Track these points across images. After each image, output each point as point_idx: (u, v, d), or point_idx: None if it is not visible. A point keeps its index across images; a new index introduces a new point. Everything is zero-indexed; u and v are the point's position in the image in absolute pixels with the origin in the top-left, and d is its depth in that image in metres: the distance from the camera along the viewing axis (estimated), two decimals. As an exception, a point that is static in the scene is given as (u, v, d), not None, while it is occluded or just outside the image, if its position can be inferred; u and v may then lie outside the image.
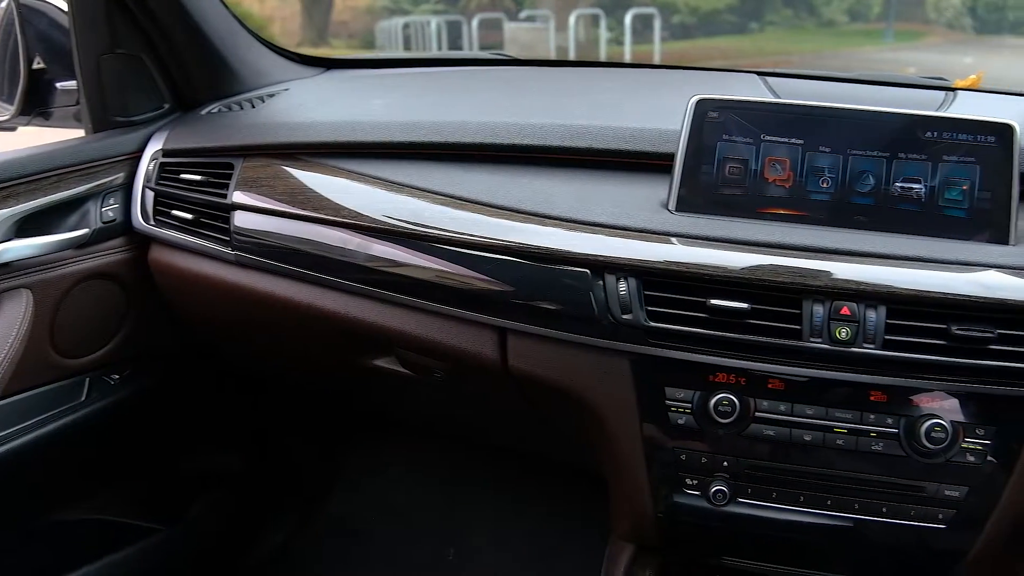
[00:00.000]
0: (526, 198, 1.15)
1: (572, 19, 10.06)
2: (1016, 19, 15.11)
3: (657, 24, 10.43)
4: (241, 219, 1.33)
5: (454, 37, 10.26)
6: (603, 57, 10.22)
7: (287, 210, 1.28)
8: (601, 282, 1.07)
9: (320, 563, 1.99)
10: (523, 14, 11.57)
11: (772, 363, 1.05)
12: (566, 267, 1.09)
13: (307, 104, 1.51)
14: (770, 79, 1.44)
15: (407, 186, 1.22)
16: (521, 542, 1.95)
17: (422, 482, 2.11)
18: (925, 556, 1.11)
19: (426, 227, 1.17)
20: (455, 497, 2.06)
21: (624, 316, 1.06)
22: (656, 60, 9.91)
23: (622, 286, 1.06)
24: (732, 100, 1.12)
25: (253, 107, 1.50)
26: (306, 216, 1.26)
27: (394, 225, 1.19)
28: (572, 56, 9.95)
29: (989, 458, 1.04)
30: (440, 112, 1.36)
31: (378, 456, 2.16)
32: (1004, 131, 1.08)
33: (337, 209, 1.24)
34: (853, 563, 1.20)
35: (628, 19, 10.00)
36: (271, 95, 1.54)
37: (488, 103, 1.45)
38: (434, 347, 1.21)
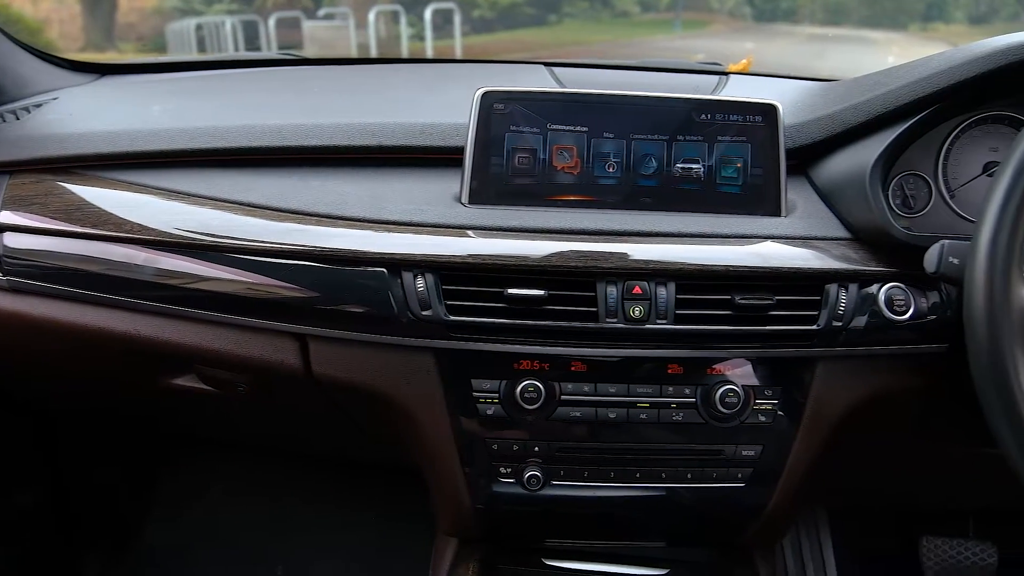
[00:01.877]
0: (317, 200, 1.13)
1: (371, 16, 9.96)
2: (788, 7, 16.22)
3: (457, 19, 10.48)
4: (11, 241, 1.23)
5: (251, 37, 9.91)
6: (405, 53, 10.18)
7: (64, 228, 1.19)
8: (399, 280, 1.06)
9: None
10: (321, 12, 11.33)
11: (573, 346, 1.08)
12: (362, 268, 1.07)
13: (79, 113, 1.41)
14: (556, 69, 1.47)
15: (192, 195, 1.17)
16: (351, 549, 1.92)
17: (244, 500, 2.03)
18: (729, 514, 1.18)
19: (215, 237, 1.12)
20: (280, 512, 2.00)
21: (424, 312, 1.05)
22: (458, 55, 9.95)
23: (419, 282, 1.05)
24: (517, 91, 1.13)
25: (17, 119, 1.38)
26: (85, 233, 1.18)
27: (181, 237, 1.13)
28: (374, 53, 9.85)
29: (778, 417, 1.11)
30: (225, 116, 1.31)
31: (195, 478, 2.07)
32: (769, 111, 1.15)
33: (119, 224, 1.17)
34: (666, 529, 1.25)
35: (428, 14, 10.01)
36: (37, 105, 1.43)
37: (276, 105, 1.41)
38: (234, 360, 1.16)
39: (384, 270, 1.07)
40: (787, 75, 1.52)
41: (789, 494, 1.16)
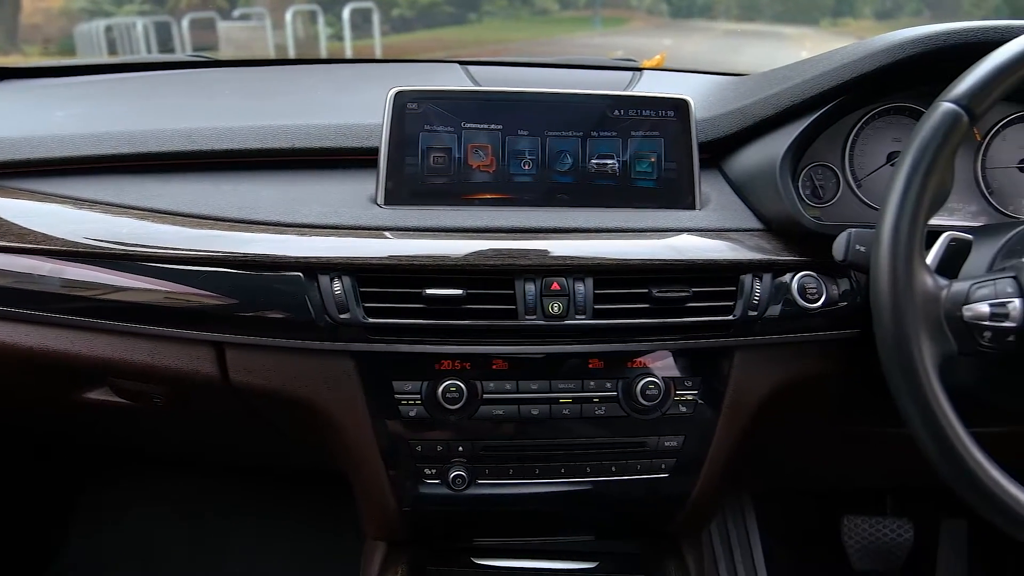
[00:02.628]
0: (230, 205, 1.10)
1: (288, 16, 9.82)
2: (704, 4, 16.52)
3: (376, 18, 10.39)
4: (-93, 254, 1.18)
5: (164, 39, 9.63)
6: (324, 54, 10.05)
7: None
8: (315, 284, 1.04)
9: None
10: (237, 13, 11.10)
11: (493, 344, 1.07)
12: (278, 272, 1.05)
13: (-25, 121, 1.36)
14: (472, 68, 1.47)
15: (99, 203, 1.13)
16: (279, 560, 1.89)
17: (167, 516, 1.98)
18: (654, 504, 1.19)
19: (123, 245, 1.09)
20: (204, 526, 1.96)
21: (342, 316, 1.04)
22: (378, 54, 9.87)
23: (336, 286, 1.04)
24: (429, 90, 1.13)
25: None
26: (-15, 245, 1.14)
27: (88, 246, 1.10)
28: (292, 54, 9.71)
29: (699, 407, 1.13)
30: (133, 121, 1.27)
31: (115, 494, 2.01)
32: (681, 105, 1.16)
33: (22, 234, 1.12)
34: (593, 522, 1.26)
35: (346, 14, 9.90)
36: (-71, 113, 1.37)
37: (186, 108, 1.38)
38: (149, 371, 1.13)
39: (300, 274, 1.05)
40: (700, 70, 1.54)
41: (712, 482, 1.18)
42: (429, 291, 1.04)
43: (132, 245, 1.08)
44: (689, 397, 1.12)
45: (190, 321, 1.09)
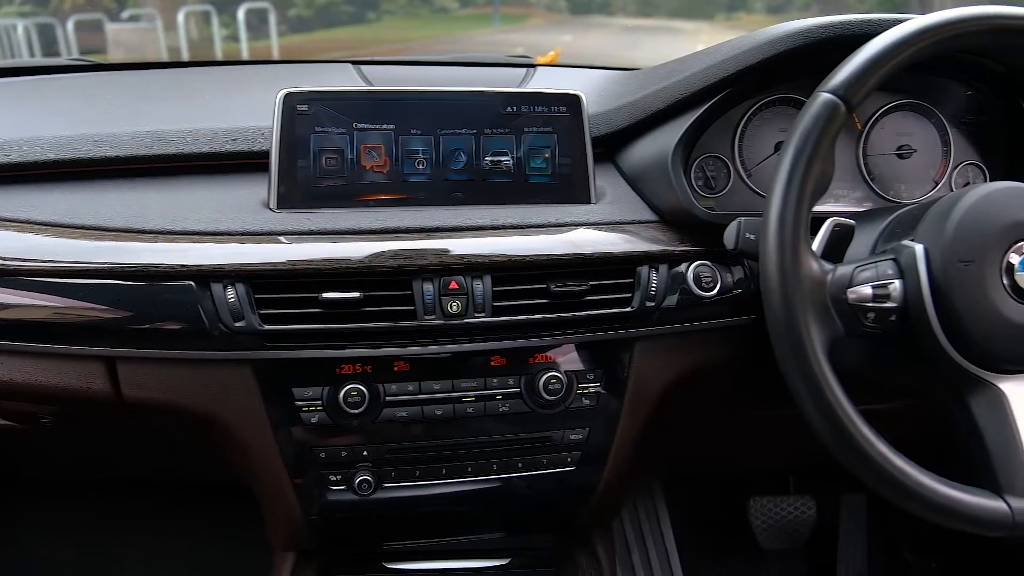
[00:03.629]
0: (115, 214, 1.06)
1: (181, 17, 9.56)
2: (603, 0, 16.74)
3: (272, 18, 10.21)
4: None
5: (49, 42, 9.23)
6: (219, 55, 9.82)
7: None
8: (208, 292, 1.02)
9: None
10: (125, 14, 10.74)
11: (394, 346, 1.06)
12: (168, 283, 1.02)
13: None
14: (364, 68, 1.46)
15: (-27, 217, 1.08)
16: (184, 576, 1.84)
17: (64, 539, 1.90)
18: (563, 498, 1.20)
19: (3, 260, 1.04)
20: (105, 547, 1.88)
21: (237, 324, 1.02)
22: (275, 55, 9.70)
23: (230, 293, 1.01)
24: (319, 91, 1.11)
25: None
26: None
27: None
28: (186, 57, 9.46)
29: (602, 399, 1.14)
30: (8, 129, 1.22)
31: (4, 517, 1.92)
32: (573, 101, 1.17)
33: None
34: (504, 519, 1.26)
35: (241, 14, 9.70)
36: None
37: (66, 114, 1.32)
38: (34, 391, 1.08)
39: (192, 283, 1.02)
40: (593, 65, 1.56)
41: (619, 472, 1.19)
42: (326, 295, 1.02)
43: (11, 259, 1.04)
44: (592, 390, 1.13)
45: (78, 336, 1.05)
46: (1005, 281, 0.92)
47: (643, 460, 1.25)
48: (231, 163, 1.16)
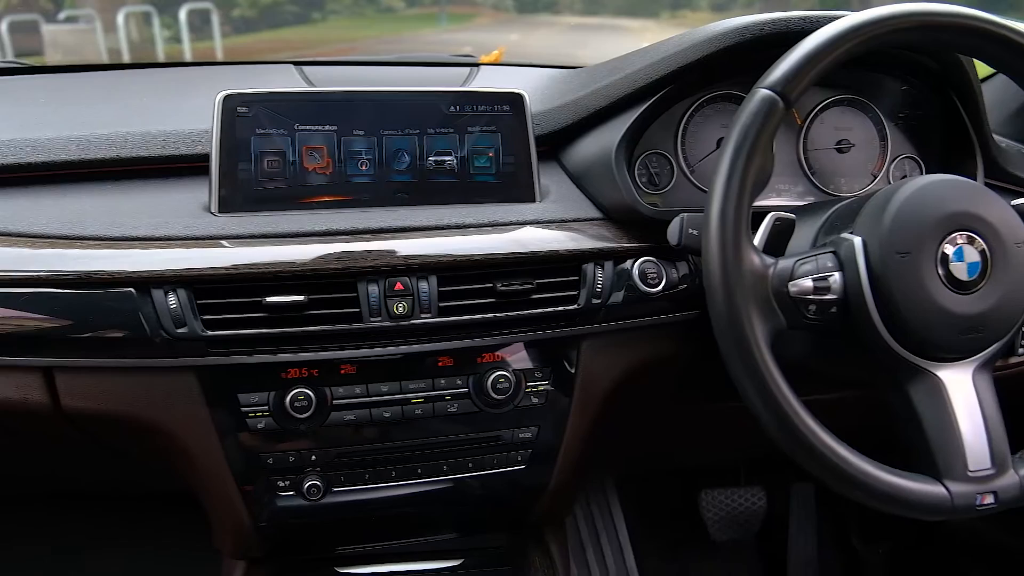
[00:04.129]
0: (52, 221, 1.04)
1: (120, 18, 9.38)
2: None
3: (215, 19, 10.07)
4: None
5: (-19, 44, 9.01)
6: (161, 57, 9.66)
7: None
8: (149, 299, 1.00)
9: None
10: (62, 15, 10.49)
11: (340, 349, 1.06)
12: (107, 290, 1.00)
13: None
14: (306, 68, 1.44)
15: (-99, 226, 1.05)
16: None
17: (8, 558, 1.85)
18: (514, 496, 1.20)
19: None
20: (56, 563, 1.84)
21: (179, 330, 1.00)
22: (219, 56, 9.57)
23: (172, 299, 1.00)
24: (259, 93, 1.10)
25: None
26: None
27: None
28: (127, 58, 9.29)
29: (550, 397, 1.14)
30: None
31: None
32: (516, 99, 1.18)
33: None
34: (455, 520, 1.26)
35: (183, 15, 9.54)
36: None
37: (-1, 119, 1.29)
38: None
39: (132, 290, 1.00)
40: (537, 64, 1.56)
41: (569, 469, 1.19)
42: (270, 299, 1.01)
43: (-57, 270, 1.01)
44: (540, 388, 1.13)
45: (14, 347, 1.02)
46: (940, 271, 0.93)
47: (594, 456, 1.25)
48: (170, 167, 1.14)
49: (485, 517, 1.27)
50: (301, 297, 1.02)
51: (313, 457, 1.09)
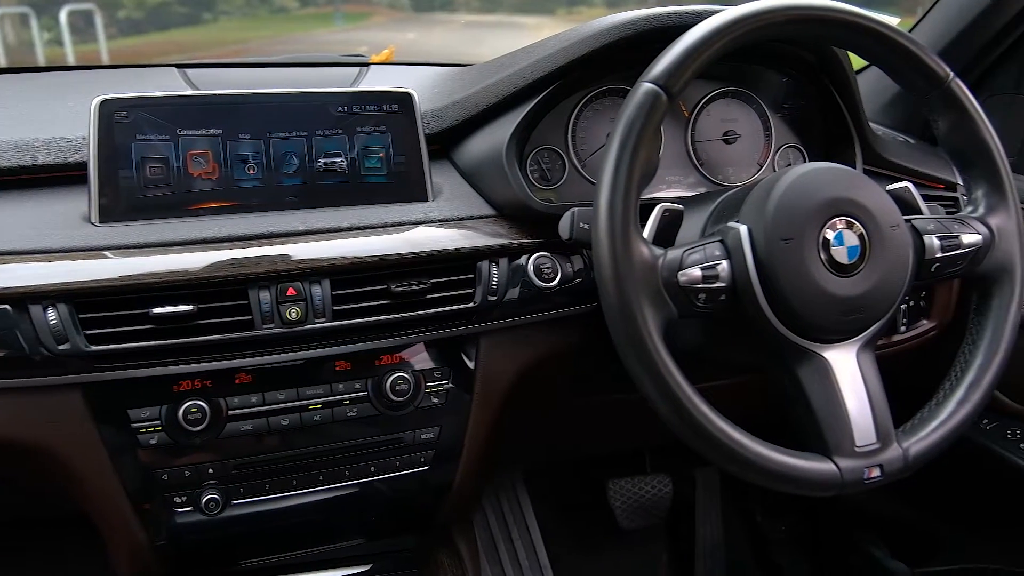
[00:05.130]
0: None
1: (-7, 21, 8.96)
2: (444, -1, 16.79)
3: (99, 21, 9.70)
4: None
5: None
6: (41, 61, 9.27)
7: None
8: (26, 315, 0.96)
9: None
10: (-71, 18, 9.96)
11: (234, 358, 1.03)
12: None
13: None
14: (189, 71, 1.40)
15: None
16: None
17: None
18: (419, 497, 1.19)
19: None
20: None
21: (61, 347, 0.96)
22: (104, 59, 9.23)
23: (51, 315, 0.96)
24: (138, 97, 1.06)
25: None
26: None
27: None
28: (3, 63, 8.89)
29: (451, 396, 1.14)
30: None
31: None
32: (405, 99, 1.17)
33: None
34: (361, 525, 1.24)
35: (63, 17, 9.16)
36: None
37: None
38: None
39: (7, 307, 0.96)
40: (428, 62, 1.55)
41: (474, 467, 1.19)
42: (156, 310, 0.98)
43: None
44: (440, 388, 1.13)
45: None
46: (823, 256, 0.96)
47: (498, 453, 1.26)
48: (46, 176, 1.10)
49: (391, 520, 1.26)
50: (190, 307, 0.99)
51: (210, 470, 1.06)
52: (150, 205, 1.06)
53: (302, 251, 1.04)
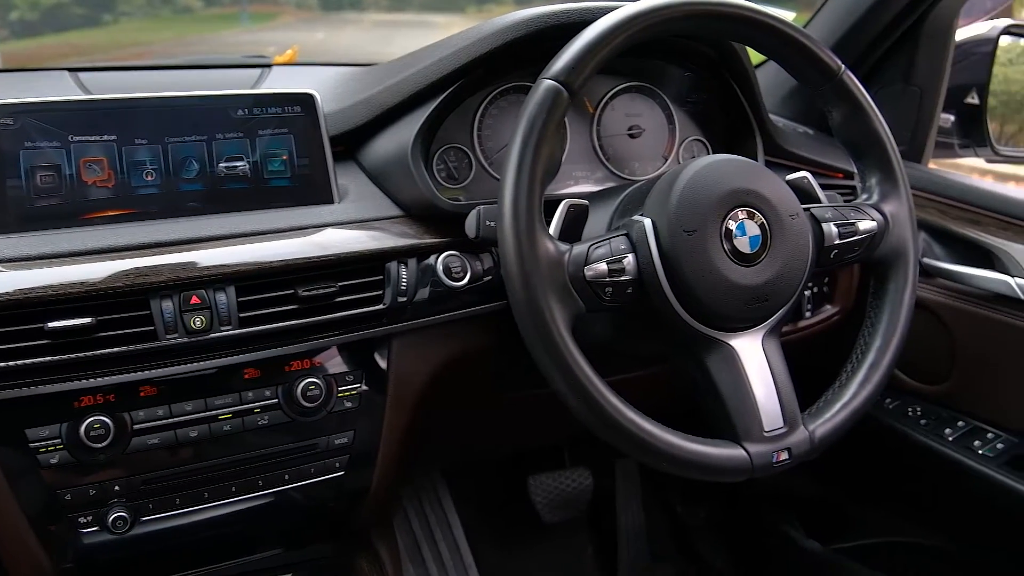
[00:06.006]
0: None
1: None
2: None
3: (-12, 23, 9.34)
4: None
5: None
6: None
7: None
8: None
9: None
10: None
11: (137, 371, 1.00)
12: None
13: None
14: (82, 75, 1.36)
15: None
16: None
17: None
18: (336, 504, 1.18)
19: None
20: None
21: None
22: (-3, 65, 8.88)
23: None
24: (24, 103, 1.03)
25: None
26: None
27: None
28: None
29: (364, 400, 1.13)
30: None
31: None
32: (307, 100, 1.15)
33: None
34: (279, 535, 1.22)
35: (-50, 21, 8.79)
36: None
37: None
38: None
39: None
40: (330, 62, 1.54)
41: (390, 470, 1.18)
42: (52, 324, 0.94)
43: None
44: (353, 391, 1.12)
45: None
46: (726, 246, 0.98)
47: (415, 454, 1.25)
48: None
49: (308, 528, 1.25)
50: (88, 320, 0.95)
51: (117, 487, 1.03)
52: (42, 215, 1.02)
53: (205, 258, 1.01)
